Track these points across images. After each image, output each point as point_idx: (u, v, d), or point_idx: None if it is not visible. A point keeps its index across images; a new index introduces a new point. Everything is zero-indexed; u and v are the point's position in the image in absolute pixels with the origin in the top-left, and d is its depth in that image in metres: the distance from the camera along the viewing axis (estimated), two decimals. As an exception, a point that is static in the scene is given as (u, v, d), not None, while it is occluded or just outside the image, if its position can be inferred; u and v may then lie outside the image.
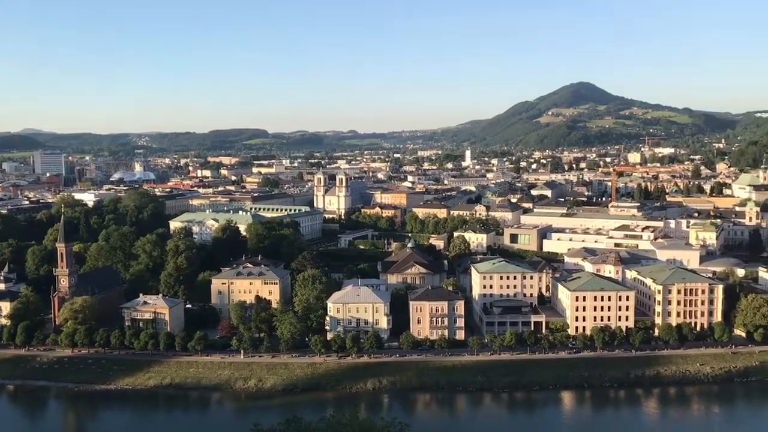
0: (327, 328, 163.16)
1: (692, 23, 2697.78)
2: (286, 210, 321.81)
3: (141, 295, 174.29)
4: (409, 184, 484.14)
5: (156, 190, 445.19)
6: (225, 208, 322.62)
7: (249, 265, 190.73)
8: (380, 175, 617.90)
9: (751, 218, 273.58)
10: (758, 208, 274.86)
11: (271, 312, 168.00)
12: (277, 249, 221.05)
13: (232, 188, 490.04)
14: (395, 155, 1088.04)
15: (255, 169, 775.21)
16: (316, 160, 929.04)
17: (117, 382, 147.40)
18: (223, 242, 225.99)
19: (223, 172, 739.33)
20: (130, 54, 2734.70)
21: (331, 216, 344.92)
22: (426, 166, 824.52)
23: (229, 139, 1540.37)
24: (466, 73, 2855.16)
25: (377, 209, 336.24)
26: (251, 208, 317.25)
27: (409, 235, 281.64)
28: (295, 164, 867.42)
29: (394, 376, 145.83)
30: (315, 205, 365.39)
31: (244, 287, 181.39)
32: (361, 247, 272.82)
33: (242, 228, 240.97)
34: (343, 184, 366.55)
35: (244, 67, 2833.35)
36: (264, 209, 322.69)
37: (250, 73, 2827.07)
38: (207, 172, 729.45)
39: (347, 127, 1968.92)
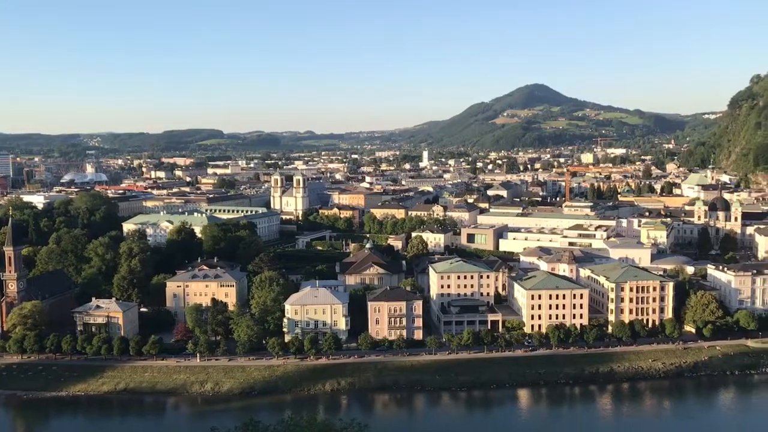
0: (285, 330, 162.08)
1: (643, 27, 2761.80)
2: (242, 211, 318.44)
3: (93, 299, 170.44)
4: (367, 185, 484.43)
5: (108, 191, 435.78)
6: (180, 210, 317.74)
7: (205, 267, 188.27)
8: (338, 176, 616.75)
9: (699, 217, 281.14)
10: (706, 207, 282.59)
11: (228, 315, 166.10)
12: (234, 251, 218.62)
13: (187, 189, 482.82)
14: (353, 156, 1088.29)
15: (210, 170, 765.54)
16: (272, 161, 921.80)
17: (68, 389, 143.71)
18: (178, 244, 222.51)
19: (178, 173, 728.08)
20: (80, 52, 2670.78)
21: (288, 217, 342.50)
22: (384, 166, 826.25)
23: (184, 140, 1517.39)
24: (423, 74, 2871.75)
25: (335, 210, 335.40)
26: (207, 210, 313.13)
27: (367, 235, 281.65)
28: (252, 165, 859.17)
29: (353, 377, 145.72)
30: (272, 206, 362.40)
31: (199, 290, 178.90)
32: (319, 248, 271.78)
33: (197, 230, 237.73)
34: (301, 184, 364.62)
35: (197, 66, 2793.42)
36: (220, 211, 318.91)
37: (204, 72, 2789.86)
38: (161, 174, 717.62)
39: (304, 127, 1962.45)
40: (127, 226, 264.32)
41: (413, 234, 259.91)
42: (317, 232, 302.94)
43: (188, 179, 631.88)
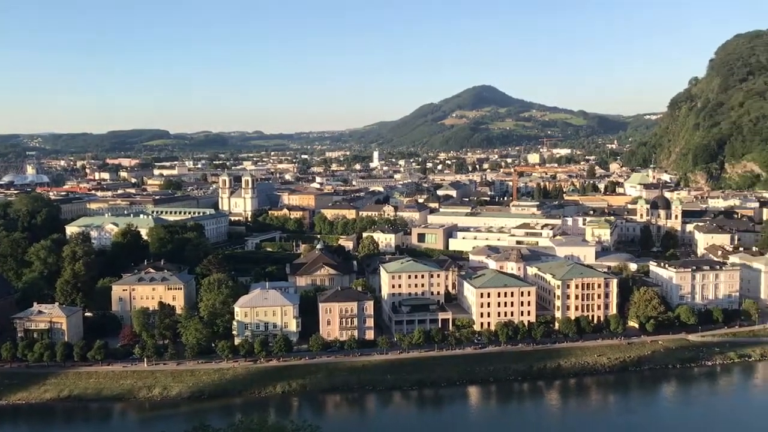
0: (234, 332, 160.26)
1: (586, 30, 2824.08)
2: (189, 213, 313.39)
3: (35, 304, 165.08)
4: (318, 185, 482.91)
5: (50, 193, 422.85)
6: (125, 212, 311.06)
7: (151, 270, 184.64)
8: (288, 177, 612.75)
9: (641, 215, 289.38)
10: (648, 206, 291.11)
11: (176, 318, 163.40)
12: (181, 253, 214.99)
13: (133, 191, 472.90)
14: (303, 156, 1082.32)
15: (157, 171, 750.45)
16: (220, 162, 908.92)
17: (9, 397, 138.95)
18: (123, 247, 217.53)
19: (123, 174, 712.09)
20: (16, 48, 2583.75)
21: (237, 218, 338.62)
22: (334, 167, 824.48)
23: (129, 140, 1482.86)
24: (372, 75, 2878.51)
25: (285, 211, 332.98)
26: (153, 212, 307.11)
27: (318, 236, 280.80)
28: (199, 166, 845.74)
29: (304, 379, 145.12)
30: (220, 207, 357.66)
31: (146, 293, 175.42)
32: (269, 249, 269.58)
33: (144, 232, 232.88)
34: (250, 185, 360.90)
35: (142, 64, 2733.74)
36: (166, 212, 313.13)
37: (149, 71, 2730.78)
38: (105, 175, 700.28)
39: (253, 127, 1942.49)
40: (71, 229, 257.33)
41: (364, 234, 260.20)
42: (267, 233, 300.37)
43: (134, 180, 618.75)
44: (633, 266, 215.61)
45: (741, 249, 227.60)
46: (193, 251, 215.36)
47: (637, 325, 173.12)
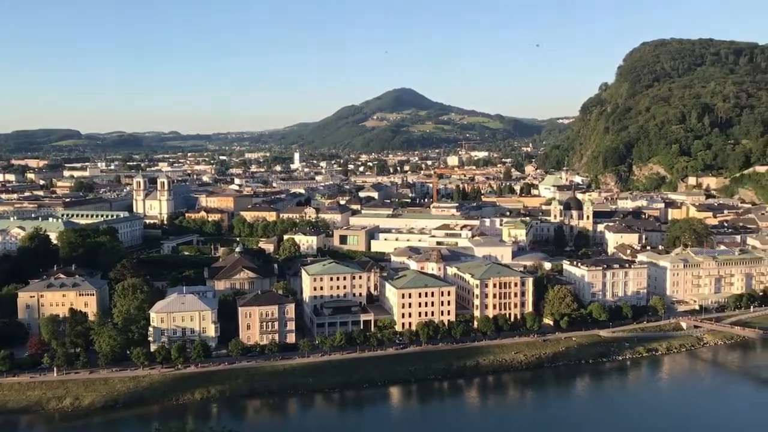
0: (150, 339, 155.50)
1: (502, 36, 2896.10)
2: (102, 216, 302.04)
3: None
4: (237, 187, 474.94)
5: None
6: (33, 215, 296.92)
7: (61, 275, 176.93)
8: (205, 178, 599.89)
9: (555, 216, 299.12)
10: (561, 207, 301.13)
11: (88, 325, 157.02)
12: (94, 258, 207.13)
13: (41, 193, 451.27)
14: (221, 157, 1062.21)
15: (67, 173, 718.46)
16: (135, 163, 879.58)
17: None
18: (30, 252, 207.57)
19: (30, 175, 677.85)
20: None
21: (152, 221, 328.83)
22: (254, 168, 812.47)
23: (36, 140, 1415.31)
24: (293, 76, 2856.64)
25: (203, 213, 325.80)
26: (63, 215, 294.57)
27: (237, 239, 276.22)
28: (112, 167, 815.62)
29: (224, 384, 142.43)
30: (135, 210, 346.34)
31: (56, 300, 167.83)
32: (186, 253, 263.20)
33: (53, 236, 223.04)
34: (165, 187, 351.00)
35: (51, 62, 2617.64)
36: (78, 215, 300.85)
37: (59, 69, 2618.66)
38: (11, 176, 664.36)
39: (169, 127, 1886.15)
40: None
41: (285, 236, 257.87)
42: (184, 236, 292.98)
43: (42, 182, 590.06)
44: (547, 265, 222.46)
45: (648, 248, 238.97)
46: (106, 256, 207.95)
47: (552, 322, 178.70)
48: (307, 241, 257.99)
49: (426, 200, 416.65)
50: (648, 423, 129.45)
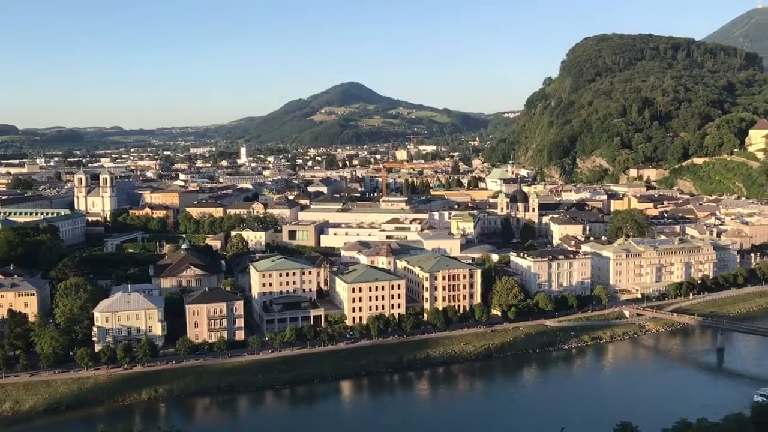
0: (95, 339, 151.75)
1: (448, 31, 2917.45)
2: (42, 213, 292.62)
3: None
4: (182, 183, 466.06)
5: None
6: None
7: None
8: (149, 174, 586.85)
9: (502, 208, 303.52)
10: (508, 200, 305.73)
11: (28, 326, 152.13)
12: (33, 257, 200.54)
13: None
14: (165, 153, 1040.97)
15: (3, 170, 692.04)
16: (76, 159, 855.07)
17: None
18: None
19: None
20: None
21: (95, 219, 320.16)
22: (199, 163, 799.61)
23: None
24: (238, 70, 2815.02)
25: (147, 210, 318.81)
26: (0, 213, 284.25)
27: (183, 236, 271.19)
28: (52, 163, 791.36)
29: (171, 384, 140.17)
30: (76, 207, 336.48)
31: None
32: (131, 250, 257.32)
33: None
34: (108, 184, 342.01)
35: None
36: (16, 213, 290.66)
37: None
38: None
39: (111, 122, 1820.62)
40: None
41: (232, 233, 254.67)
42: (128, 233, 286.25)
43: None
44: (495, 257, 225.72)
45: (592, 238, 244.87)
46: (46, 255, 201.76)
47: (499, 313, 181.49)
48: (255, 237, 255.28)
49: (375, 194, 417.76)
50: (590, 408, 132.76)
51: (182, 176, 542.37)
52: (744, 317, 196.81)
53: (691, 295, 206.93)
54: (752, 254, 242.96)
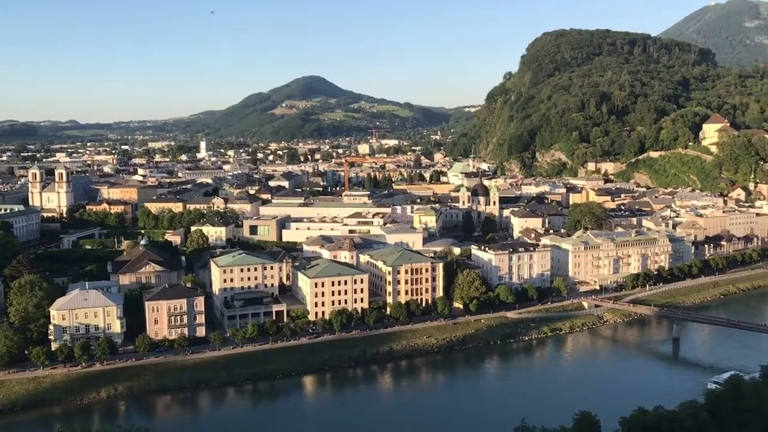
0: (51, 337, 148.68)
1: (409, 25, 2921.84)
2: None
3: None
4: (140, 178, 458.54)
5: None
6: None
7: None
8: (107, 169, 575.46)
9: (464, 202, 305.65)
10: (469, 193, 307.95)
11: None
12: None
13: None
14: (123, 147, 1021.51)
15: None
16: (30, 154, 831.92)
17: None
18: None
19: None
20: None
21: (50, 215, 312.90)
22: (158, 158, 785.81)
23: None
24: (197, 62, 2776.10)
25: (105, 205, 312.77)
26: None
27: (142, 231, 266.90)
28: (4, 158, 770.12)
29: (131, 381, 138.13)
30: (31, 203, 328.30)
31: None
32: (88, 247, 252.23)
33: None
34: (64, 179, 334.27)
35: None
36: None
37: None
38: None
39: (66, 116, 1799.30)
40: None
41: (192, 228, 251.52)
42: (85, 230, 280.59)
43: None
44: (457, 250, 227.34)
45: (551, 231, 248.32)
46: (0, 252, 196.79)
47: (461, 306, 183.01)
48: (215, 233, 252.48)
49: (338, 189, 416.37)
50: (551, 398, 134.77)
51: (141, 171, 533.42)
52: (698, 307, 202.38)
53: (647, 286, 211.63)
54: (706, 245, 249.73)
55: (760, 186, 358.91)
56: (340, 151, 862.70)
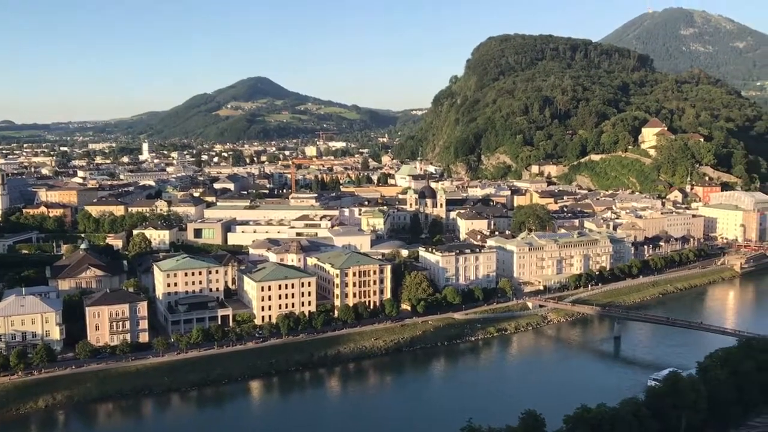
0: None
1: (355, 27, 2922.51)
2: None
3: None
4: (80, 180, 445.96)
5: None
6: None
7: None
8: (45, 171, 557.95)
9: (411, 204, 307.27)
10: (416, 196, 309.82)
11: None
12: None
13: None
14: (62, 148, 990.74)
15: None
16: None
17: None
18: None
19: None
20: None
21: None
22: (99, 160, 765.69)
23: None
24: (138, 62, 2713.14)
25: (43, 209, 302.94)
26: None
27: (82, 235, 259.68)
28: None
29: (71, 390, 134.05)
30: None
31: None
32: (25, 251, 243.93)
33: None
34: (0, 181, 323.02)
35: None
36: None
37: None
38: None
39: (1, 116, 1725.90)
40: None
41: (135, 232, 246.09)
42: (22, 233, 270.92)
43: None
44: (405, 252, 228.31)
45: (496, 233, 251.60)
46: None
47: (409, 308, 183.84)
48: (158, 236, 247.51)
49: (284, 191, 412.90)
50: (497, 398, 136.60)
51: (80, 173, 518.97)
52: (638, 306, 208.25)
53: (589, 286, 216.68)
54: (645, 246, 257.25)
55: (696, 188, 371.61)
56: (287, 153, 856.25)
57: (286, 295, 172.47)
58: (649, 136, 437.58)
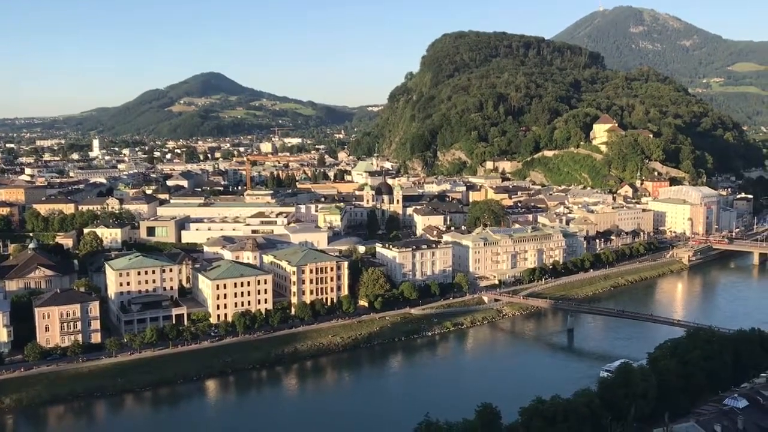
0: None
1: (309, 22, 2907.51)
2: None
3: None
4: (28, 178, 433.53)
5: None
6: None
7: None
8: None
9: (368, 200, 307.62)
10: (373, 192, 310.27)
11: None
12: None
13: None
14: (8, 145, 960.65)
15: None
16: None
17: None
18: None
19: None
20: None
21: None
22: (47, 157, 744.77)
23: None
24: (87, 56, 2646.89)
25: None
26: None
27: (31, 234, 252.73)
28: None
29: (20, 393, 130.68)
30: None
31: None
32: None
33: None
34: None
35: None
36: None
37: None
38: None
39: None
40: None
41: (85, 230, 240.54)
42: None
43: None
44: (362, 249, 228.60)
45: (452, 228, 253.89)
46: None
47: (367, 304, 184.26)
48: (110, 235, 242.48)
49: (239, 188, 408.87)
50: (454, 391, 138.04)
51: (28, 170, 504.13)
52: (590, 299, 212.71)
53: (543, 279, 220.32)
54: (597, 240, 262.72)
55: (645, 183, 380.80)
56: (242, 149, 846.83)
57: (242, 293, 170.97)
58: (600, 132, 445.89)
